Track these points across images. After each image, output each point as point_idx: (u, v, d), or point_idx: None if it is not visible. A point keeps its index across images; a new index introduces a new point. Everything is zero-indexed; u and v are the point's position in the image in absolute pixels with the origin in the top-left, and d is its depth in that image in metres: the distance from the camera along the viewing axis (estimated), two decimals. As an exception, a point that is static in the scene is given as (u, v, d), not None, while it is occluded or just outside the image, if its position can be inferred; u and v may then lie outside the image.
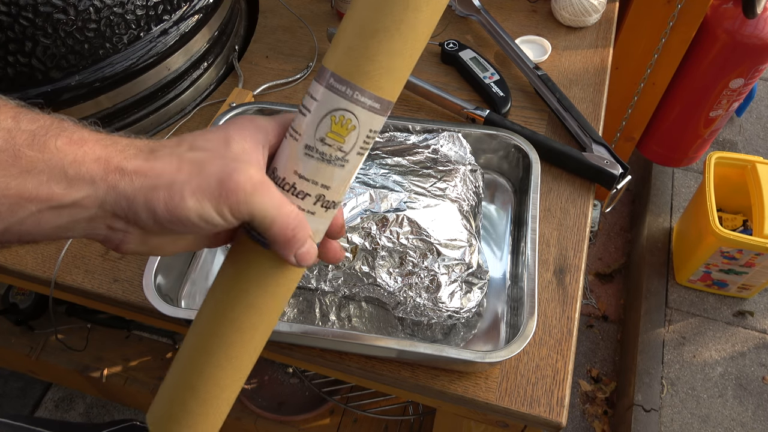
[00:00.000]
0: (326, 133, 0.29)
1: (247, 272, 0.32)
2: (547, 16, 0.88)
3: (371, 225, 0.51)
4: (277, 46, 0.85)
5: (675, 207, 1.68)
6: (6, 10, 0.56)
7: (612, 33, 0.85)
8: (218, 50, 0.79)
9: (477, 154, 0.64)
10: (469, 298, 0.53)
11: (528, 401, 0.53)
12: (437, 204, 0.53)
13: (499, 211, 0.65)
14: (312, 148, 0.30)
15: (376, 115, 0.30)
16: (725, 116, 1.41)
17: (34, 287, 0.68)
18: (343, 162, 0.30)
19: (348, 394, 1.08)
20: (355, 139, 0.30)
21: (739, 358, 1.40)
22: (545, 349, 0.56)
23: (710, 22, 1.22)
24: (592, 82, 0.78)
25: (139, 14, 0.64)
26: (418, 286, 0.52)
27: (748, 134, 1.86)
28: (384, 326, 0.57)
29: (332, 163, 0.30)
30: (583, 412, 1.42)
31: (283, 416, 1.08)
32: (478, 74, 0.76)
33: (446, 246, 0.51)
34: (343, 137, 0.29)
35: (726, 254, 1.33)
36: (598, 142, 0.68)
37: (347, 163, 0.30)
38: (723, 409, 1.34)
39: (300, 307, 0.58)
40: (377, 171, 0.55)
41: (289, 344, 0.57)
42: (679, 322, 1.47)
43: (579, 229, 0.63)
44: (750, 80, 1.30)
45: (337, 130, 0.29)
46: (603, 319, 1.57)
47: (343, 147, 0.30)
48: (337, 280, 0.54)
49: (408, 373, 0.55)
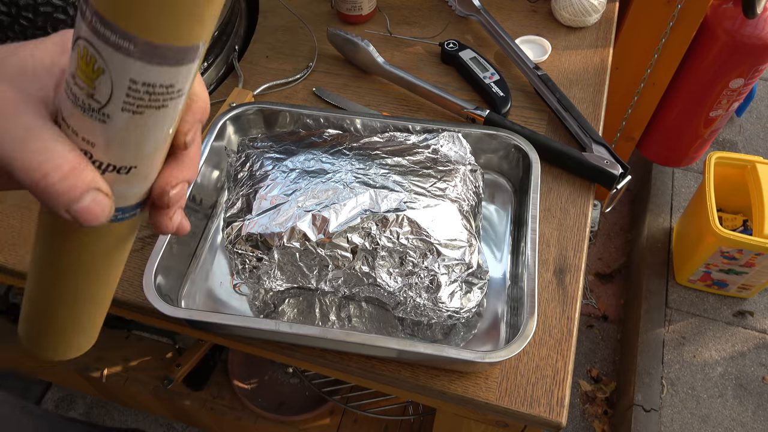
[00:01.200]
0: (75, 69, 0.22)
1: (43, 236, 0.28)
2: (547, 16, 0.88)
3: (371, 225, 0.51)
4: (277, 46, 0.85)
5: (675, 207, 1.68)
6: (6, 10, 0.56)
7: (612, 33, 0.85)
8: (218, 50, 0.79)
9: (477, 154, 0.64)
10: (469, 298, 0.53)
11: (528, 401, 0.53)
12: (437, 204, 0.53)
13: (499, 211, 0.65)
14: (68, 85, 0.23)
15: (134, 60, 0.21)
16: (725, 116, 1.41)
17: (34, 287, 0.68)
18: (103, 117, 0.23)
19: (348, 394, 1.08)
20: (109, 88, 0.22)
21: (739, 358, 1.40)
22: (545, 349, 0.56)
23: (710, 22, 1.22)
24: (592, 82, 0.78)
25: (139, 14, 0.64)
26: (418, 286, 0.52)
27: (748, 134, 1.86)
28: (384, 326, 0.57)
29: (88, 114, 0.23)
30: (583, 412, 1.42)
31: (283, 416, 1.08)
32: (478, 74, 0.76)
33: (446, 246, 0.51)
34: (91, 80, 0.22)
35: (726, 254, 1.33)
36: (598, 142, 0.68)
37: (110, 120, 0.23)
38: (723, 409, 1.34)
39: (300, 307, 0.58)
40: (377, 171, 0.55)
41: (289, 344, 0.57)
42: (679, 322, 1.47)
43: (579, 229, 0.63)
44: (750, 80, 1.30)
45: (84, 69, 0.22)
46: (603, 319, 1.57)
47: (94, 95, 0.22)
48: (337, 280, 0.54)
49: (408, 373, 0.55)
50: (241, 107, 0.66)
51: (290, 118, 0.67)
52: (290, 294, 0.59)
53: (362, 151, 0.58)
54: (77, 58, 0.22)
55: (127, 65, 0.21)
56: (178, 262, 0.59)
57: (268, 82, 0.78)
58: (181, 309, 0.54)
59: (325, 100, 0.77)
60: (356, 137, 0.61)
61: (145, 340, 1.17)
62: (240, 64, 0.81)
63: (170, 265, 0.56)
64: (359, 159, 0.56)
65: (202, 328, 0.59)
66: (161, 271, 0.54)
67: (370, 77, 0.80)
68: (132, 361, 1.15)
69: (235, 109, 0.66)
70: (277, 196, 0.54)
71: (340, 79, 0.80)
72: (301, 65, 0.82)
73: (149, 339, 1.17)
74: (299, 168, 0.56)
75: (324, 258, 0.52)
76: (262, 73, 0.81)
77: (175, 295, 0.58)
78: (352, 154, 0.57)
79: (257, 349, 0.62)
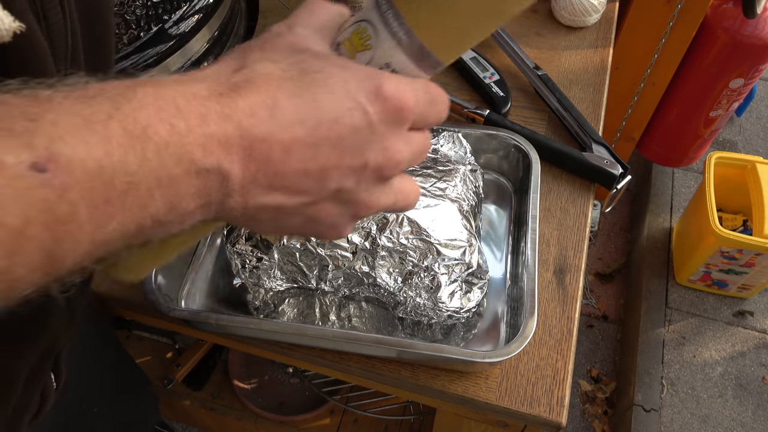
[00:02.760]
0: (343, 40, 0.27)
1: None
2: (547, 16, 0.88)
3: (371, 225, 0.51)
4: (277, 46, 0.85)
5: (675, 207, 1.68)
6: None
7: (612, 33, 0.85)
8: (218, 50, 0.79)
9: (477, 154, 0.64)
10: (469, 298, 0.53)
11: (528, 401, 0.53)
12: (437, 204, 0.53)
13: (499, 211, 0.65)
14: (332, 47, 0.27)
15: (400, 52, 0.26)
16: (725, 116, 1.41)
17: (34, 287, 0.68)
18: None
19: (348, 394, 1.08)
20: (366, 60, 0.26)
21: (739, 358, 1.40)
22: (545, 349, 0.56)
23: (710, 22, 1.22)
24: (592, 82, 0.78)
25: (139, 14, 0.64)
26: (418, 286, 0.52)
27: (748, 134, 1.86)
28: (384, 326, 0.57)
29: None
30: (583, 412, 1.42)
31: (283, 416, 1.08)
32: (478, 74, 0.76)
33: (446, 246, 0.51)
34: (354, 49, 0.26)
35: (726, 254, 1.33)
36: (598, 142, 0.68)
37: None
38: (723, 409, 1.34)
39: (300, 307, 0.58)
40: (377, 171, 0.55)
41: (289, 344, 0.57)
42: (679, 322, 1.47)
43: (579, 229, 0.63)
44: (750, 80, 1.30)
45: (353, 40, 0.26)
46: (603, 319, 1.57)
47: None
48: (337, 280, 0.54)
49: (408, 373, 0.55)
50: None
51: (290, 118, 0.67)
52: (290, 294, 0.59)
53: (362, 151, 0.58)
54: (352, 33, 0.26)
55: (391, 51, 0.26)
56: (178, 262, 0.59)
57: (268, 82, 0.78)
58: (181, 309, 0.54)
59: (325, 100, 0.77)
60: (356, 137, 0.61)
61: (145, 340, 1.17)
62: (240, 64, 0.81)
63: (170, 265, 0.56)
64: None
65: (202, 328, 0.59)
66: (161, 271, 0.54)
67: (370, 77, 0.80)
68: (132, 361, 1.14)
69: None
70: (277, 196, 0.54)
71: (340, 79, 0.80)
72: (301, 65, 0.82)
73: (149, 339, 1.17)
74: (299, 168, 0.56)
75: (324, 258, 0.52)
76: (262, 73, 0.80)
77: (175, 295, 0.58)
78: (352, 154, 0.57)
79: (257, 349, 0.62)
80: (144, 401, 0.84)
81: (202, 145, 0.23)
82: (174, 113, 0.22)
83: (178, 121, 0.22)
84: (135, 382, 0.81)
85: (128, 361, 0.80)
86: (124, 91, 0.22)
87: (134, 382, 0.81)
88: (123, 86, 0.22)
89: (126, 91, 0.22)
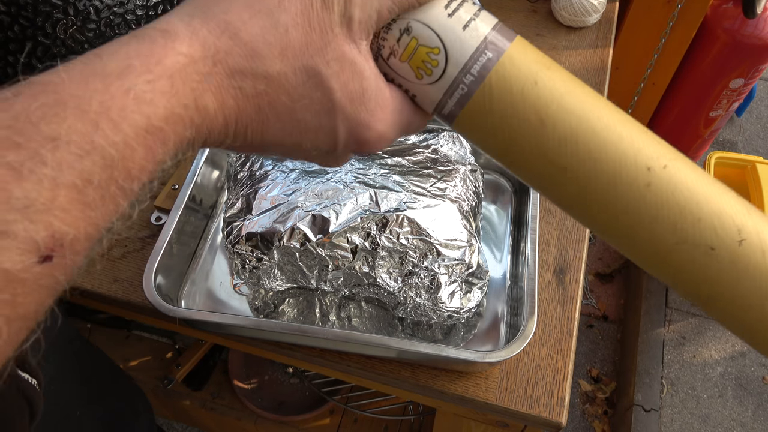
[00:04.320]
0: (408, 43, 0.27)
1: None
2: (547, 16, 0.88)
3: (371, 225, 0.51)
4: (277, 46, 0.85)
5: (675, 207, 1.68)
6: (6, 10, 0.56)
7: (612, 33, 0.85)
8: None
9: (477, 154, 0.64)
10: (469, 298, 0.53)
11: (528, 401, 0.53)
12: (437, 204, 0.53)
13: (499, 211, 0.65)
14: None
15: (437, 90, 0.27)
16: (725, 116, 1.41)
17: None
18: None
19: (348, 394, 1.08)
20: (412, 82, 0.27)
21: (739, 358, 1.40)
22: (545, 349, 0.56)
23: (710, 22, 1.22)
24: (592, 82, 0.78)
25: (139, 14, 0.64)
26: (418, 286, 0.52)
27: (748, 134, 1.86)
28: (384, 326, 0.57)
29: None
30: (583, 412, 1.42)
31: (283, 416, 1.08)
32: (478, 74, 0.76)
33: (446, 246, 0.51)
34: (409, 63, 0.27)
35: (726, 254, 1.33)
36: (598, 142, 0.68)
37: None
38: (723, 409, 1.34)
39: (300, 307, 0.58)
40: (377, 171, 0.55)
41: (289, 344, 0.57)
42: (679, 322, 1.47)
43: (579, 229, 0.63)
44: (750, 80, 1.30)
45: (418, 52, 0.26)
46: (603, 319, 1.57)
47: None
48: (337, 280, 0.54)
49: (408, 373, 0.55)
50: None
51: (290, 118, 0.67)
52: (290, 294, 0.59)
53: (362, 151, 0.58)
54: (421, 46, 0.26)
55: (431, 88, 0.27)
56: (178, 262, 0.59)
57: (268, 82, 0.78)
58: (181, 309, 0.54)
59: (325, 100, 0.77)
60: (356, 137, 0.61)
61: (145, 340, 1.17)
62: (240, 64, 0.81)
63: (170, 265, 0.56)
64: (359, 159, 0.56)
65: (202, 328, 0.59)
66: (161, 271, 0.54)
67: (370, 77, 0.80)
68: (132, 361, 1.14)
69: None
70: (277, 196, 0.54)
71: (340, 79, 0.80)
72: (301, 65, 0.82)
73: (149, 339, 1.17)
74: (299, 168, 0.56)
75: (324, 258, 0.52)
76: (262, 73, 0.80)
77: (175, 295, 0.58)
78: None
79: (257, 349, 0.62)
80: (128, 393, 0.83)
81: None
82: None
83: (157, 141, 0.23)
84: (109, 375, 0.80)
85: (99, 355, 0.79)
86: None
87: (108, 375, 0.80)
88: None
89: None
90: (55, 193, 0.20)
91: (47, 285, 0.20)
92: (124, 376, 0.82)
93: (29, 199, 0.19)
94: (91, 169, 0.20)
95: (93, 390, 0.70)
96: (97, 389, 0.71)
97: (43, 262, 0.19)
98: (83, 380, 0.68)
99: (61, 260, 0.20)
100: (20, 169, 0.19)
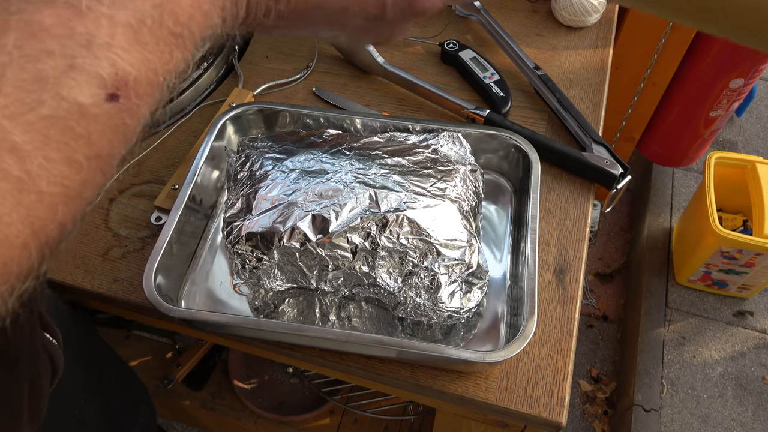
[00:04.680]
0: None
1: None
2: (547, 16, 0.88)
3: (371, 225, 0.51)
4: (277, 46, 0.85)
5: (675, 207, 1.68)
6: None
7: (612, 33, 0.85)
8: (218, 50, 0.79)
9: (477, 154, 0.64)
10: (469, 298, 0.53)
11: (528, 401, 0.53)
12: (437, 204, 0.53)
13: (499, 211, 0.65)
14: None
15: None
16: (725, 116, 1.41)
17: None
18: None
19: (348, 394, 1.08)
20: None
21: (739, 358, 1.40)
22: (545, 349, 0.56)
23: (710, 22, 1.22)
24: (592, 82, 0.78)
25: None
26: (418, 286, 0.52)
27: (748, 134, 1.86)
28: (384, 326, 0.57)
29: None
30: (583, 412, 1.42)
31: (283, 416, 1.08)
32: (478, 74, 0.76)
33: (446, 246, 0.51)
34: None
35: (726, 254, 1.33)
36: (598, 142, 0.68)
37: None
38: (723, 409, 1.34)
39: (300, 307, 0.58)
40: (377, 171, 0.55)
41: (289, 344, 0.57)
42: (679, 322, 1.47)
43: (579, 229, 0.63)
44: (750, 80, 1.30)
45: None
46: (603, 319, 1.57)
47: None
48: (337, 280, 0.54)
49: (408, 373, 0.55)
50: (241, 107, 0.66)
51: (290, 118, 0.67)
52: (290, 294, 0.59)
53: (362, 151, 0.58)
54: None
55: None
56: (178, 262, 0.59)
57: (268, 82, 0.78)
58: (181, 309, 0.54)
59: (325, 100, 0.77)
60: (356, 137, 0.61)
61: (145, 340, 1.17)
62: (240, 64, 0.81)
63: (170, 265, 0.56)
64: (359, 159, 0.56)
65: (202, 328, 0.59)
66: (161, 271, 0.54)
67: (370, 77, 0.80)
68: (132, 361, 1.14)
69: (235, 109, 0.66)
70: (277, 196, 0.54)
71: (340, 79, 0.80)
72: (301, 65, 0.82)
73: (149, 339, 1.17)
74: (299, 168, 0.56)
75: (324, 258, 0.52)
76: (262, 73, 0.81)
77: (175, 295, 0.58)
78: (352, 154, 0.57)
79: (257, 349, 0.62)
80: (131, 388, 0.83)
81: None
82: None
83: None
84: (114, 369, 0.81)
85: (104, 347, 0.80)
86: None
87: (114, 370, 0.80)
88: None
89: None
90: (113, 31, 0.21)
91: (117, 127, 0.21)
92: (129, 372, 0.82)
93: (91, 35, 0.20)
94: (143, 7, 0.22)
95: (96, 380, 0.70)
96: (100, 379, 0.72)
97: (111, 100, 0.20)
98: (87, 369, 0.68)
99: (127, 102, 0.21)
100: (79, 6, 0.20)
